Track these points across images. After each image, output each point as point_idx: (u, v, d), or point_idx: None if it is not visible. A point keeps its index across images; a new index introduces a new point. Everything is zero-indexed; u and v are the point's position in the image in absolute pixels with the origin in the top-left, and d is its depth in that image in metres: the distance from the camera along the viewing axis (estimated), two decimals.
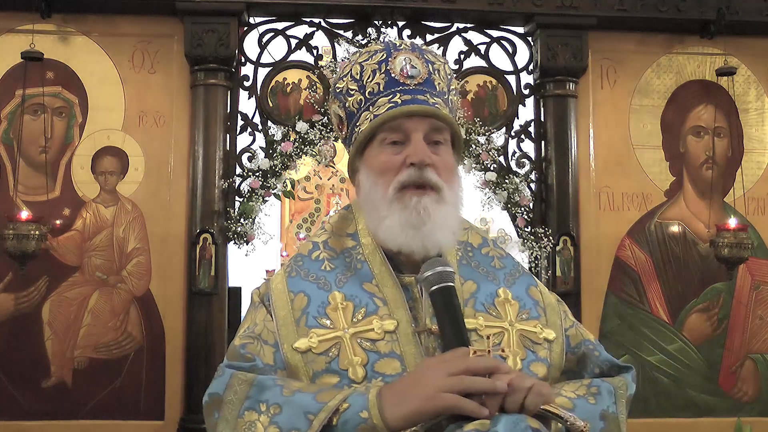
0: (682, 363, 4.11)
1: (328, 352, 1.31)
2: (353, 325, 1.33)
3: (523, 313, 1.43)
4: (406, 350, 1.31)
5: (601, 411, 1.34)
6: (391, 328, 1.33)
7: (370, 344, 1.31)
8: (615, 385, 1.40)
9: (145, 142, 3.96)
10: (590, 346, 1.50)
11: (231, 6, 3.92)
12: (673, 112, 4.25)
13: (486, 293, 1.42)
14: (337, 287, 1.38)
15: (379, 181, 1.39)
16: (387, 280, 1.39)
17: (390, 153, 1.39)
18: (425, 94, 1.42)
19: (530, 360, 1.37)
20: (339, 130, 1.53)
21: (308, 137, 3.94)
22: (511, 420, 1.14)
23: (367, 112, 1.42)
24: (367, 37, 4.05)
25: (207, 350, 3.82)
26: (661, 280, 4.14)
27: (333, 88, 1.51)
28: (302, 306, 1.37)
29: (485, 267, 1.48)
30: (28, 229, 3.57)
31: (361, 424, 1.18)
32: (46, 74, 3.91)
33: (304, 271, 1.42)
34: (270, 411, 1.24)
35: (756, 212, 4.24)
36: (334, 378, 1.29)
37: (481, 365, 1.18)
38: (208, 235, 3.84)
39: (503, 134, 4.18)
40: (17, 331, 3.80)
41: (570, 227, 4.04)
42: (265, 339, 1.36)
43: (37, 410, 3.76)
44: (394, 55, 1.43)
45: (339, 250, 1.46)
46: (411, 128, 1.38)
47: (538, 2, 4.03)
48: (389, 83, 1.41)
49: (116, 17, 3.99)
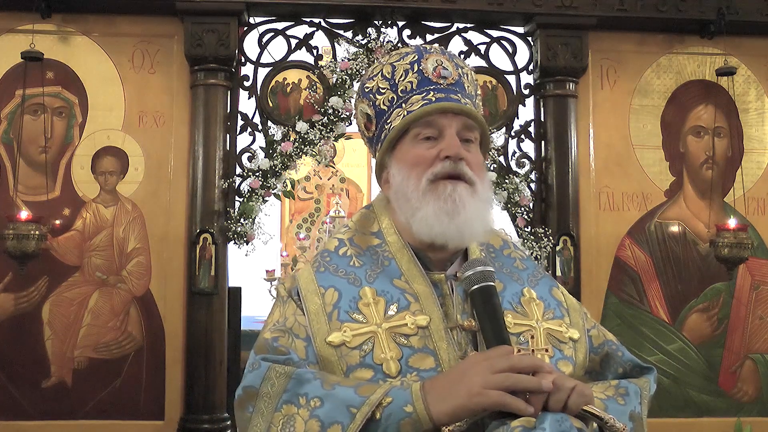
0: (682, 363, 4.11)
1: (362, 347, 1.32)
2: (387, 320, 1.34)
3: (548, 312, 1.45)
4: (439, 346, 1.32)
5: (630, 412, 1.36)
6: (423, 324, 1.34)
7: (404, 339, 1.32)
8: (640, 386, 1.43)
9: (145, 142, 3.96)
10: (613, 346, 1.53)
11: (231, 6, 3.92)
12: (673, 112, 4.25)
13: (512, 292, 1.44)
14: (367, 283, 1.39)
15: (411, 173, 1.41)
16: (416, 276, 1.40)
17: (424, 147, 1.42)
18: (457, 93, 1.45)
19: (557, 358, 1.39)
20: (366, 129, 1.54)
21: (308, 137, 3.94)
22: (556, 419, 1.15)
23: (399, 109, 1.45)
24: (367, 37, 4.05)
25: (207, 350, 3.82)
26: (661, 280, 4.15)
27: (361, 88, 1.53)
28: (333, 301, 1.37)
29: (509, 268, 1.50)
30: (28, 229, 3.57)
31: (406, 418, 1.19)
32: (46, 74, 3.91)
33: (333, 267, 1.43)
34: (310, 404, 1.23)
35: (756, 212, 4.24)
36: (369, 372, 1.30)
37: (525, 363, 1.20)
38: (208, 235, 3.84)
39: (503, 134, 4.18)
40: (17, 331, 3.80)
41: (570, 227, 4.04)
42: (296, 333, 1.36)
43: (37, 410, 3.76)
44: (426, 57, 1.46)
45: (364, 246, 1.47)
46: (445, 124, 1.41)
47: (538, 2, 4.03)
48: (422, 82, 1.45)
49: (116, 17, 3.98)
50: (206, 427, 3.78)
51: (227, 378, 3.91)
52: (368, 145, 1.59)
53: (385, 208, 1.52)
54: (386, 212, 1.51)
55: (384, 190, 1.52)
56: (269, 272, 6.24)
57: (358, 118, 1.57)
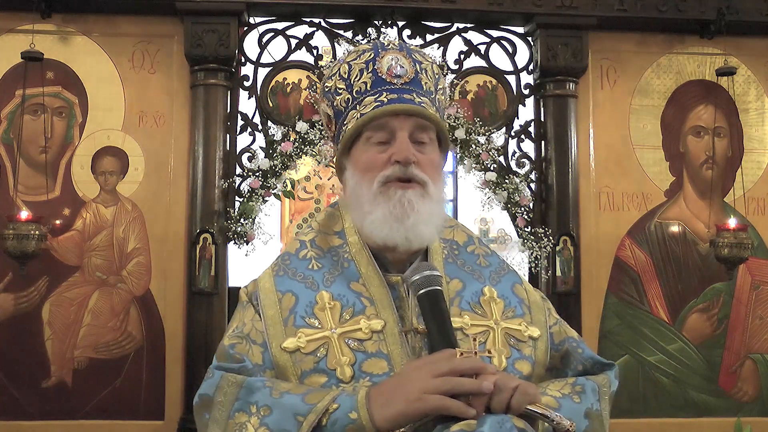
0: (682, 363, 4.11)
1: (316, 352, 1.32)
2: (341, 325, 1.34)
3: (509, 311, 1.44)
4: (392, 350, 1.32)
5: (585, 409, 1.35)
6: (378, 328, 1.33)
7: (357, 344, 1.32)
8: (599, 383, 1.42)
9: (145, 142, 3.96)
10: (573, 343, 1.51)
11: (231, 6, 3.92)
12: (673, 112, 4.25)
13: (471, 292, 1.43)
14: (324, 286, 1.39)
15: (364, 178, 1.40)
16: (374, 279, 1.39)
17: (375, 151, 1.40)
18: (411, 93, 1.42)
19: (515, 358, 1.38)
20: (328, 128, 1.54)
21: (308, 137, 3.94)
22: (496, 420, 1.15)
23: (354, 111, 1.43)
24: (367, 37, 4.05)
25: (207, 350, 3.81)
26: (661, 280, 4.14)
27: (322, 87, 1.52)
28: (290, 306, 1.37)
29: (471, 265, 1.48)
30: (28, 229, 3.57)
31: (350, 424, 1.19)
32: (46, 74, 3.91)
33: (292, 270, 1.43)
34: (260, 412, 1.25)
35: (756, 212, 4.24)
36: (323, 377, 1.30)
37: (466, 366, 1.19)
38: (208, 235, 3.84)
39: (503, 134, 4.18)
40: (17, 331, 3.80)
41: (570, 227, 4.04)
42: (253, 339, 1.37)
43: (37, 410, 3.76)
44: (381, 55, 1.44)
45: (326, 248, 1.46)
46: (396, 127, 1.39)
47: (538, 2, 4.03)
48: (376, 82, 1.42)
49: (116, 17, 3.99)
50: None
51: None
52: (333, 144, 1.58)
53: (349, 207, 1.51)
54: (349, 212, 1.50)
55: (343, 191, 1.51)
56: None
57: (321, 117, 1.57)
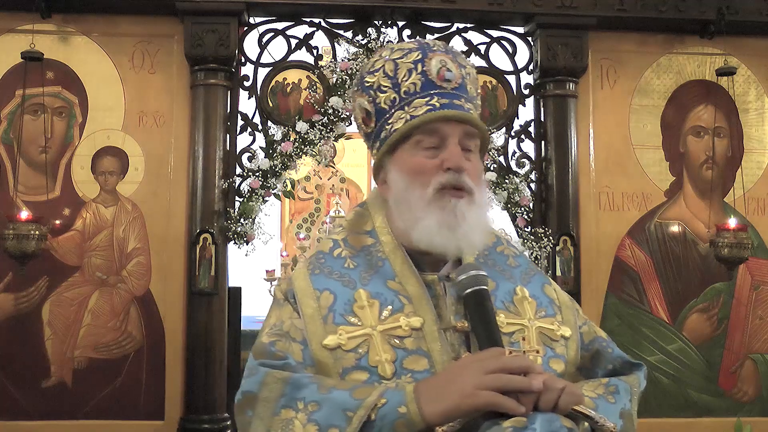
0: (682, 363, 4.11)
1: (357, 349, 1.33)
2: (381, 323, 1.35)
3: (541, 311, 1.45)
4: (432, 347, 1.33)
5: (620, 410, 1.37)
6: (417, 326, 1.34)
7: (398, 341, 1.33)
8: (630, 383, 1.44)
9: (145, 142, 3.96)
10: (603, 343, 1.54)
11: (231, 6, 3.92)
12: (673, 112, 4.25)
13: (504, 291, 1.44)
14: (361, 285, 1.40)
15: (414, 183, 1.40)
16: (410, 278, 1.40)
17: (424, 156, 1.40)
18: (460, 98, 1.43)
19: (549, 356, 1.39)
20: (364, 124, 1.52)
21: (308, 137, 3.94)
22: (546, 418, 1.17)
23: (401, 112, 1.42)
24: (367, 37, 4.05)
25: (207, 350, 3.82)
26: (661, 280, 4.15)
27: (360, 81, 1.49)
28: (328, 303, 1.38)
29: (501, 266, 1.50)
30: (28, 229, 3.57)
31: (399, 419, 1.21)
32: (46, 74, 3.91)
33: (328, 269, 1.44)
34: (308, 408, 1.25)
35: (756, 212, 4.24)
36: (364, 374, 1.31)
37: (516, 364, 1.21)
38: (208, 235, 3.84)
39: (503, 134, 4.18)
40: (17, 331, 3.80)
41: (570, 227, 4.04)
42: (293, 336, 1.37)
43: (37, 410, 3.76)
44: (429, 56, 1.43)
45: (358, 247, 1.47)
46: (447, 133, 1.40)
47: (538, 2, 4.03)
48: (426, 85, 1.41)
49: (116, 17, 3.99)
50: (206, 427, 3.78)
51: (227, 378, 3.91)
52: (365, 140, 1.57)
53: (380, 206, 1.51)
54: (381, 211, 1.50)
55: (381, 190, 1.51)
56: (269, 272, 6.24)
57: (355, 111, 1.54)
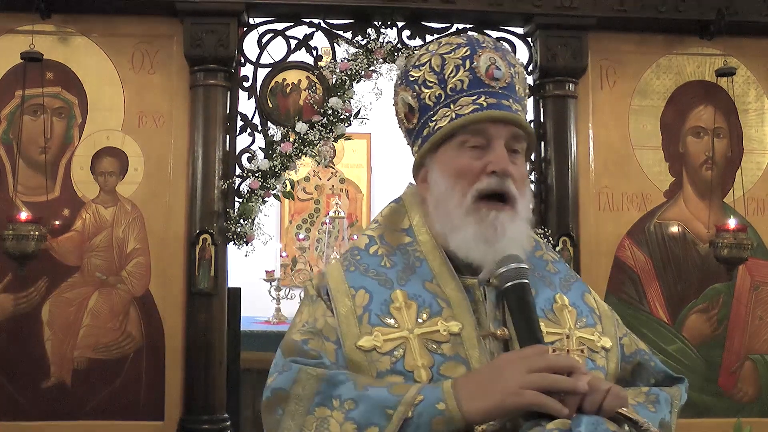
0: (681, 363, 4.11)
1: (393, 352, 1.27)
2: (419, 326, 1.29)
3: (581, 320, 1.40)
4: (470, 354, 1.28)
5: (660, 419, 1.33)
6: (455, 331, 1.29)
7: (435, 346, 1.28)
8: (671, 395, 1.40)
9: (145, 143, 3.96)
10: (645, 356, 1.49)
11: (231, 6, 3.92)
12: (672, 112, 4.24)
13: (544, 298, 1.39)
14: (399, 285, 1.34)
15: (455, 186, 1.35)
16: (449, 281, 1.34)
17: (469, 157, 1.35)
18: (509, 99, 1.38)
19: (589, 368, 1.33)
20: (406, 119, 1.46)
21: (308, 138, 3.94)
22: (591, 421, 1.13)
23: (446, 109, 1.37)
24: (367, 38, 4.05)
25: (207, 351, 3.82)
26: (661, 280, 4.14)
27: (405, 75, 1.44)
28: (364, 303, 1.32)
29: (540, 271, 1.44)
30: (28, 229, 3.57)
31: (438, 416, 1.16)
32: (46, 75, 3.91)
33: (363, 266, 1.38)
34: (344, 406, 1.20)
35: (756, 212, 4.24)
36: (399, 379, 1.26)
37: (561, 364, 1.17)
38: (208, 235, 3.84)
39: None
40: (17, 331, 3.79)
41: (570, 227, 4.04)
42: (326, 335, 1.32)
43: (37, 410, 3.76)
44: (478, 53, 1.38)
45: (395, 245, 1.41)
46: (494, 134, 1.34)
47: (537, 2, 4.03)
48: (473, 83, 1.36)
49: (116, 17, 3.98)
50: (206, 427, 3.78)
51: (227, 378, 3.91)
52: (405, 135, 1.51)
53: (418, 204, 1.46)
54: (418, 208, 1.45)
55: (421, 188, 1.46)
56: (269, 273, 6.23)
57: (398, 106, 1.48)
